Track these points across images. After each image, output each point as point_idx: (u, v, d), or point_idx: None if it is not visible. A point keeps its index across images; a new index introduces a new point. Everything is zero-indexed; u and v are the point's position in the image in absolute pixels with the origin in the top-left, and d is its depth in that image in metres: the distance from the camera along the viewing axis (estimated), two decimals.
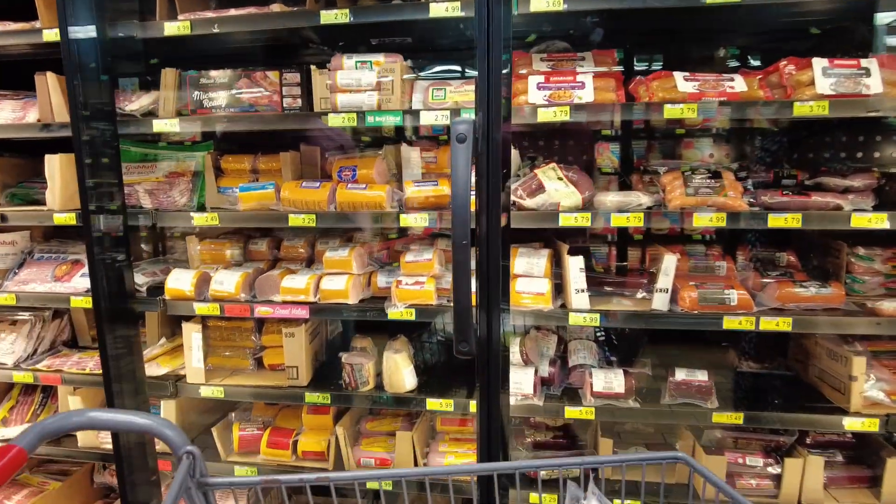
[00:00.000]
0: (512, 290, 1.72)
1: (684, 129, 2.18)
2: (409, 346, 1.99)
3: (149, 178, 2.16)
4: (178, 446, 0.77)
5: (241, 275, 1.94)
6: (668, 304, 1.67)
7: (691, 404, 1.71)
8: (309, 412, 2.05)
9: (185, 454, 0.77)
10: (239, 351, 2.12)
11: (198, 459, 0.78)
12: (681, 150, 2.14)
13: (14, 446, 0.65)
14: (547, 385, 1.86)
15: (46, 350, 2.27)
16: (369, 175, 1.83)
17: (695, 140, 2.16)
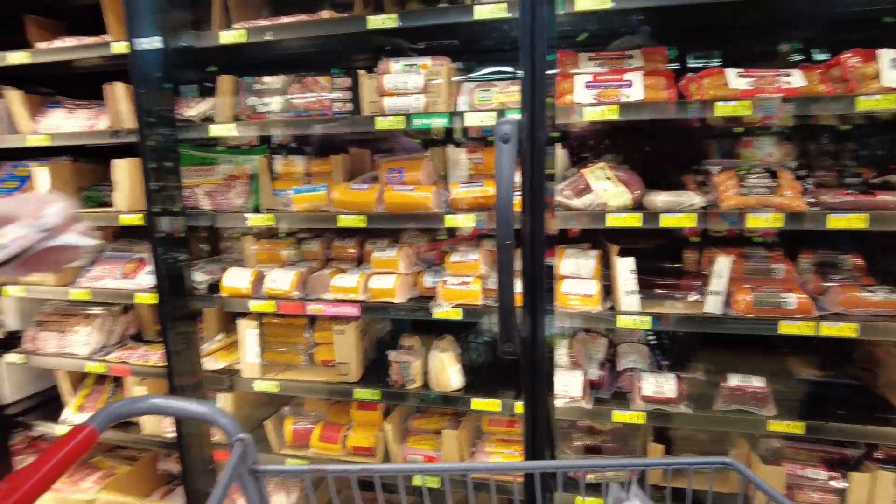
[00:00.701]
0: (558, 292, 1.71)
1: (743, 128, 2.10)
2: (455, 345, 2.00)
3: (207, 180, 2.26)
4: (232, 433, 0.82)
5: (295, 273, 2.01)
6: (721, 308, 1.61)
7: (746, 411, 1.65)
8: (358, 408, 2.10)
9: (237, 441, 0.81)
10: (292, 347, 2.20)
11: (249, 447, 0.82)
12: (739, 149, 2.05)
13: (87, 426, 0.70)
14: (596, 388, 1.84)
15: (116, 343, 2.41)
16: (416, 177, 1.86)
17: (754, 139, 2.07)
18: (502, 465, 1.24)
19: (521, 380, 1.55)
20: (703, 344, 1.97)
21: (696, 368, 1.78)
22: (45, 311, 2.48)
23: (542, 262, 1.46)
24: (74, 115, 2.25)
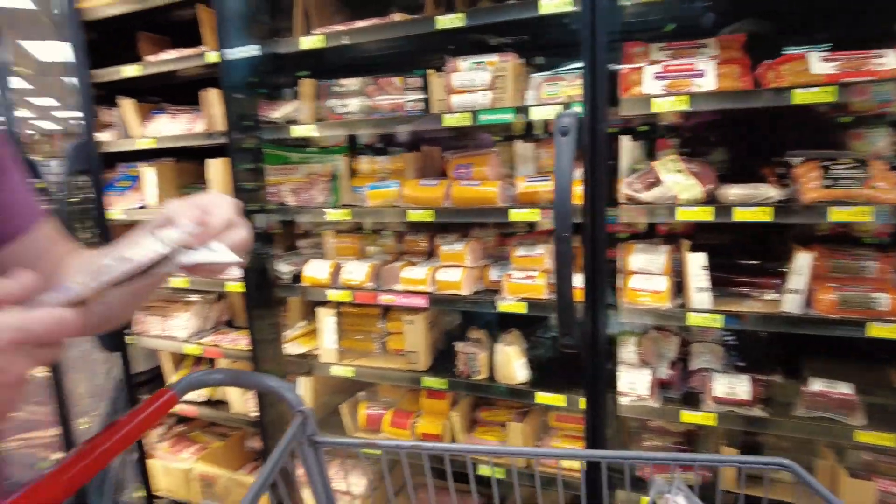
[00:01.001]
0: (627, 288, 1.68)
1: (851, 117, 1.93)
2: (522, 339, 2.02)
3: (291, 178, 2.42)
4: (294, 405, 0.89)
5: (369, 266, 2.11)
6: (801, 307, 1.52)
7: (830, 419, 1.54)
8: (427, 397, 2.17)
9: (298, 412, 0.89)
10: (367, 335, 2.30)
11: (309, 418, 0.89)
12: (848, 140, 1.88)
13: (169, 391, 0.80)
14: (665, 388, 1.79)
15: (211, 328, 2.64)
16: (483, 172, 1.89)
17: (865, 130, 1.89)
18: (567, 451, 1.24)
19: (583, 375, 1.54)
20: (785, 346, 1.85)
21: (776, 371, 1.69)
22: (151, 299, 2.75)
23: (603, 256, 1.45)
24: (176, 119, 2.48)
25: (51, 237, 0.84)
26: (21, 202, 0.80)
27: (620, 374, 1.70)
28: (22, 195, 0.80)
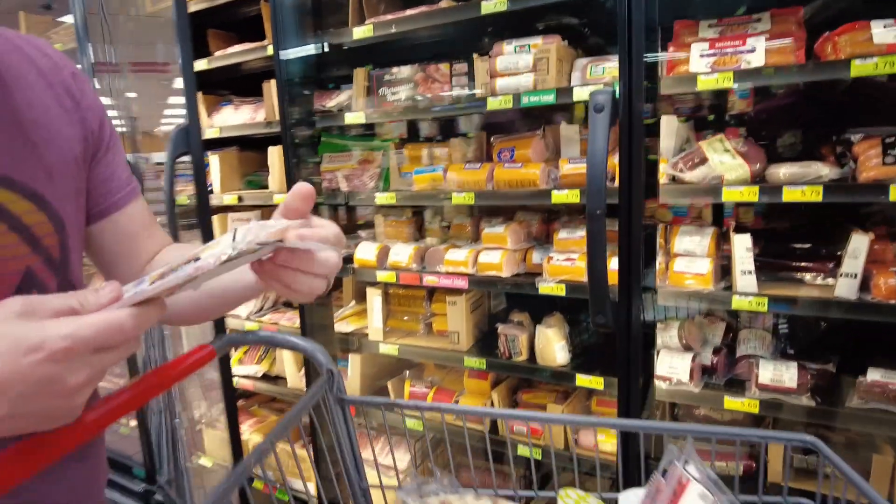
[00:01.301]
0: (671, 270, 1.65)
1: None
2: (564, 323, 2.02)
3: (345, 165, 2.51)
4: (323, 365, 0.96)
5: (414, 248, 2.17)
6: (856, 292, 1.45)
7: (886, 411, 1.46)
8: (469, 377, 2.21)
9: (326, 370, 0.95)
10: (413, 316, 2.37)
11: (336, 377, 0.96)
12: None
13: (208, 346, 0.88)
14: (709, 374, 1.74)
15: (270, 307, 2.79)
16: (526, 154, 1.90)
17: None
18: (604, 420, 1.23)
19: (617, 357, 1.53)
20: (842, 335, 1.76)
21: (829, 361, 1.61)
22: None
23: (639, 236, 1.43)
24: (240, 110, 2.63)
25: (142, 218, 0.85)
26: (118, 179, 0.80)
27: (660, 357, 1.68)
28: (119, 172, 0.81)
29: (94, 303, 0.49)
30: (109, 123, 0.80)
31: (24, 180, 0.63)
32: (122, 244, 0.83)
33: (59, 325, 0.45)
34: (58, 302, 0.48)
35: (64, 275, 0.69)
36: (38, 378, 0.44)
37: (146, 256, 0.86)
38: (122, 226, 0.81)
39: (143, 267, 0.85)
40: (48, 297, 0.48)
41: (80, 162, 0.73)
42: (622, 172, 1.42)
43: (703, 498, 0.74)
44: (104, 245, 0.82)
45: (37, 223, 0.64)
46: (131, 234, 0.83)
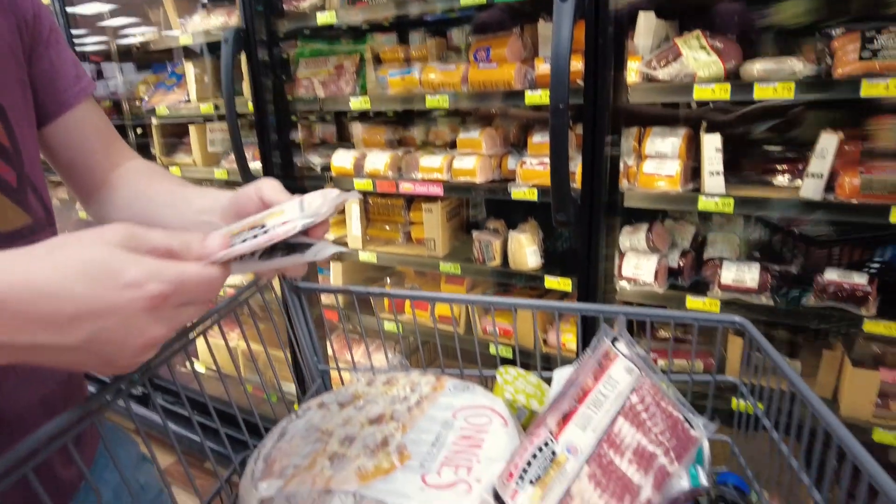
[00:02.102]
0: (641, 172, 1.65)
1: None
2: (537, 228, 2.04)
3: (322, 70, 2.44)
4: None
5: (390, 155, 2.15)
6: (821, 193, 1.45)
7: (839, 309, 1.51)
8: (446, 282, 2.27)
9: None
10: (393, 225, 2.39)
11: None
12: None
13: None
14: (675, 276, 1.79)
15: None
16: (502, 54, 1.84)
17: None
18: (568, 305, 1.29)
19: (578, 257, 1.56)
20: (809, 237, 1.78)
21: (792, 262, 1.64)
22: None
23: (604, 134, 1.41)
24: (212, 14, 2.52)
25: (94, 122, 0.81)
26: (64, 77, 0.76)
27: (626, 259, 1.71)
28: (65, 70, 0.76)
29: (197, 252, 0.48)
30: (48, 17, 0.75)
31: None
32: (74, 149, 0.79)
33: (161, 266, 0.43)
34: (158, 240, 0.46)
35: (20, 168, 0.67)
36: (128, 315, 0.42)
37: (106, 166, 0.82)
38: (72, 128, 0.78)
39: (104, 179, 0.82)
40: (149, 232, 0.46)
41: (17, 54, 0.69)
42: (587, 67, 1.38)
43: (628, 371, 0.78)
44: (57, 150, 0.78)
45: None
46: (84, 138, 0.79)
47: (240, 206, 0.68)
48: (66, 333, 0.40)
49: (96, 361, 0.44)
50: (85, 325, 0.41)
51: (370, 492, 0.64)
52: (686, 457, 0.77)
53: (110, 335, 0.42)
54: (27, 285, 0.39)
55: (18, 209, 0.65)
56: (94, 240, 0.43)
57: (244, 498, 0.68)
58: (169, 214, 0.77)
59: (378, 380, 0.91)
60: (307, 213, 0.54)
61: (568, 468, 0.65)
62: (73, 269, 0.40)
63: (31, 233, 0.67)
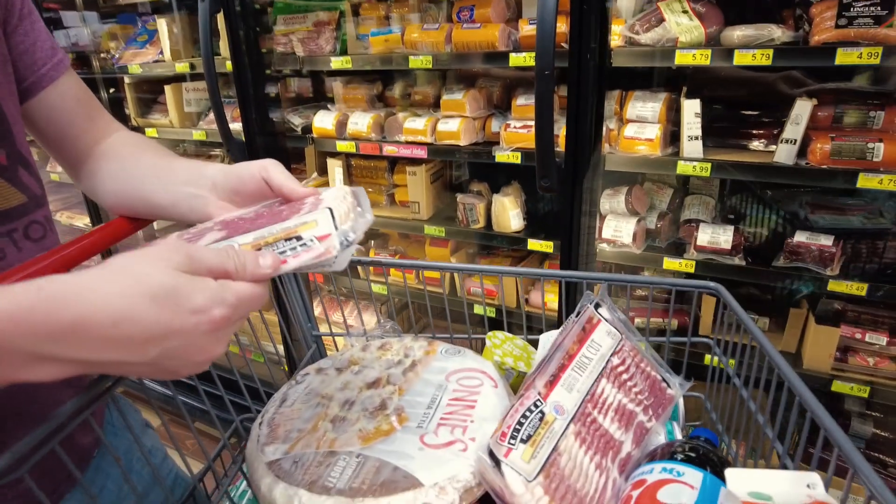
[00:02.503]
0: (622, 136, 1.68)
1: None
2: (520, 191, 2.07)
3: (301, 27, 2.38)
4: None
5: (373, 116, 2.13)
6: (793, 158, 1.50)
7: (805, 269, 1.59)
8: (430, 245, 2.30)
9: None
10: (376, 187, 2.40)
11: None
12: None
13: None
14: (653, 237, 1.85)
15: None
16: (486, 14, 1.82)
17: None
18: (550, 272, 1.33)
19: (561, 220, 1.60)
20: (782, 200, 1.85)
21: (767, 225, 1.71)
22: (179, 152, 2.88)
23: (588, 98, 1.43)
24: None
25: (75, 94, 0.79)
26: (41, 50, 0.74)
27: (606, 221, 1.76)
28: (41, 43, 0.74)
29: (252, 273, 0.50)
30: None
31: None
32: (57, 124, 0.78)
33: (223, 291, 0.46)
34: (215, 261, 0.48)
35: (10, 146, 0.66)
36: (194, 340, 0.45)
37: (90, 140, 0.81)
38: (54, 103, 0.77)
39: (89, 152, 0.81)
40: (205, 252, 0.48)
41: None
42: (572, 31, 1.38)
43: (610, 335, 0.83)
44: (40, 125, 0.77)
45: None
46: (66, 113, 0.78)
47: (239, 183, 0.68)
48: (137, 353, 0.44)
49: (159, 373, 0.47)
50: (154, 346, 0.44)
51: (373, 452, 0.68)
52: (663, 414, 0.83)
53: (176, 353, 0.45)
54: (104, 311, 0.41)
55: (12, 188, 0.65)
56: (158, 264, 0.45)
57: (251, 463, 0.72)
58: (154, 187, 0.76)
59: (373, 345, 0.95)
60: (344, 233, 0.56)
61: (556, 427, 0.70)
62: (144, 295, 0.43)
63: (26, 211, 0.67)
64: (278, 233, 0.57)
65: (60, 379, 0.43)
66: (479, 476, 0.65)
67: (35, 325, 0.40)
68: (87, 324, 0.41)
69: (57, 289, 0.41)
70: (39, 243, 0.69)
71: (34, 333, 0.40)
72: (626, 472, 0.73)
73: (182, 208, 0.73)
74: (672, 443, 0.77)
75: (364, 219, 0.61)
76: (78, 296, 0.41)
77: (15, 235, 0.65)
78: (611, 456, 0.73)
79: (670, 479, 0.66)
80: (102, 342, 0.42)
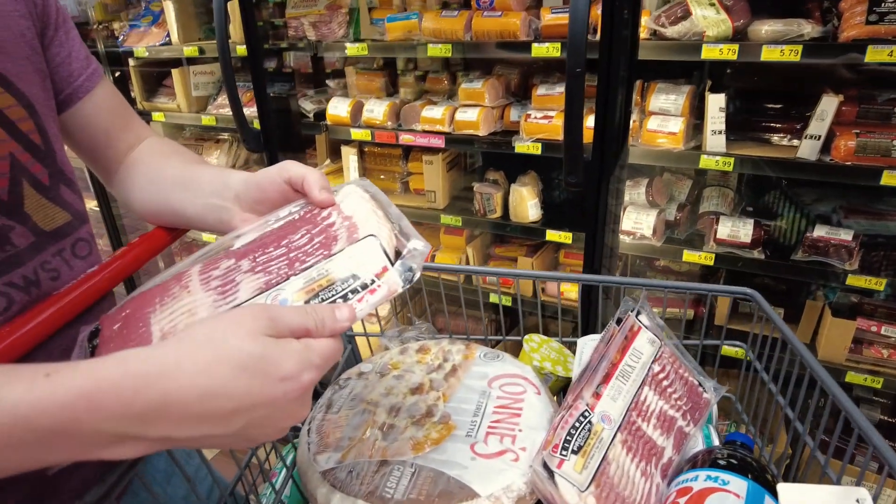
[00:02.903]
0: (644, 129, 1.67)
1: None
2: (537, 181, 2.07)
3: (312, 10, 2.34)
4: None
5: (388, 104, 2.12)
6: (816, 154, 1.50)
7: (825, 263, 1.60)
8: (445, 233, 2.30)
9: None
10: (389, 175, 2.39)
11: None
12: None
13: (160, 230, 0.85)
14: (671, 229, 1.85)
15: (242, 165, 2.75)
16: (507, 2, 1.80)
17: None
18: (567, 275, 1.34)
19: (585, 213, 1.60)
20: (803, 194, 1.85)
21: (785, 218, 1.72)
22: (185, 137, 2.85)
23: (616, 93, 1.42)
24: None
25: (111, 103, 0.79)
26: (77, 60, 0.73)
27: (627, 213, 1.76)
28: (76, 53, 0.73)
29: (331, 328, 0.48)
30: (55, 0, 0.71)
31: None
32: (92, 133, 0.77)
33: (310, 354, 0.45)
34: (296, 320, 0.46)
35: (53, 165, 0.65)
36: (283, 406, 0.44)
37: (123, 147, 0.81)
38: (90, 113, 0.76)
39: (123, 158, 0.81)
40: (286, 312, 0.46)
41: (32, 41, 0.66)
42: (604, 26, 1.36)
43: (651, 343, 0.85)
44: (75, 135, 0.77)
45: (7, 107, 0.59)
46: (101, 122, 0.77)
47: (261, 193, 0.68)
48: (223, 426, 0.43)
49: (241, 442, 0.46)
50: (242, 418, 0.43)
51: (426, 462, 0.70)
52: (701, 419, 0.85)
53: (263, 421, 0.44)
54: (192, 389, 0.41)
55: (56, 207, 0.65)
56: (241, 331, 0.43)
57: (304, 471, 0.74)
58: (182, 198, 0.76)
59: (410, 348, 0.96)
60: (405, 266, 0.55)
61: (604, 436, 0.71)
62: (231, 366, 0.42)
63: (71, 229, 0.67)
64: (328, 273, 0.54)
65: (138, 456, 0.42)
66: (533, 486, 0.67)
67: (120, 406, 0.39)
68: (174, 402, 0.40)
69: (139, 367, 0.40)
70: (87, 260, 0.69)
71: (119, 414, 0.39)
72: (667, 478, 0.75)
73: (210, 220, 0.73)
74: (712, 449, 0.79)
75: (418, 250, 0.58)
76: (163, 374, 0.40)
77: (65, 255, 0.65)
78: (654, 462, 0.74)
79: (716, 488, 0.68)
80: (189, 419, 0.41)
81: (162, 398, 0.40)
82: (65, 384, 0.38)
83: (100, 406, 0.38)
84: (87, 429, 0.39)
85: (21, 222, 0.59)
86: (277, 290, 0.53)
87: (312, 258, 0.57)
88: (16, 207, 0.58)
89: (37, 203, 0.62)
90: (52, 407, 0.37)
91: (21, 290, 0.59)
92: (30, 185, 0.61)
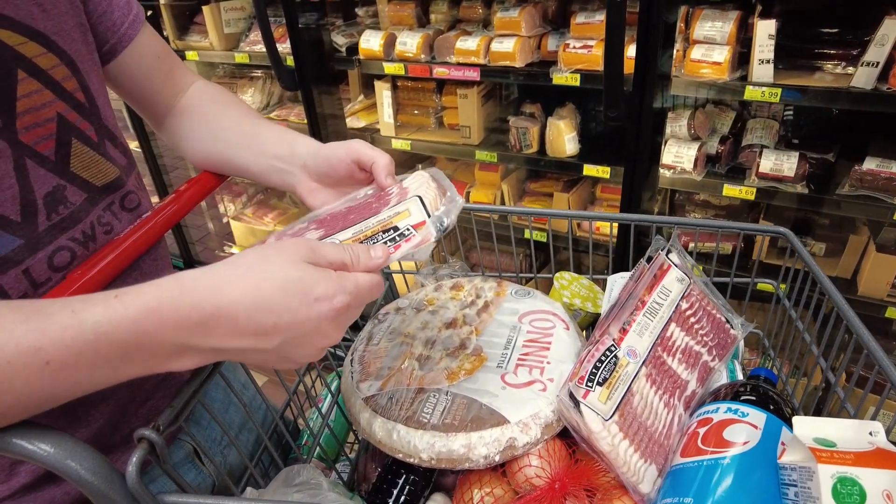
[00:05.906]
0: (688, 58, 1.60)
1: None
2: (576, 114, 2.02)
3: None
4: None
5: (422, 36, 2.07)
6: (873, 82, 1.42)
7: (871, 197, 1.55)
8: (480, 169, 2.30)
9: None
10: (423, 110, 2.37)
11: None
12: None
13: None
14: (713, 163, 1.81)
15: (276, 103, 2.77)
16: None
17: None
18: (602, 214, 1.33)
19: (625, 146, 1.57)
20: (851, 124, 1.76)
21: (831, 151, 1.64)
22: (219, 75, 2.87)
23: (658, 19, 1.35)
24: None
25: (154, 50, 0.78)
26: (118, 8, 0.72)
27: (667, 146, 1.72)
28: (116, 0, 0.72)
29: (365, 263, 0.53)
30: None
31: (21, 18, 0.56)
32: (138, 81, 0.79)
33: (343, 280, 0.50)
34: (333, 255, 0.52)
35: (98, 122, 0.67)
36: (317, 326, 0.49)
37: (170, 94, 0.82)
38: (134, 61, 0.76)
39: (170, 105, 0.83)
40: (324, 246, 0.52)
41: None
42: None
43: (680, 281, 0.86)
44: (121, 84, 0.78)
45: (51, 67, 0.60)
46: (146, 69, 0.78)
47: (330, 168, 0.74)
48: (265, 340, 0.48)
49: (281, 361, 0.52)
50: (281, 334, 0.48)
51: (459, 390, 0.76)
52: (727, 355, 0.88)
53: (300, 340, 0.50)
54: (241, 302, 0.46)
55: (106, 161, 0.67)
56: (284, 258, 0.49)
57: (348, 397, 0.81)
58: (245, 154, 0.79)
59: (444, 285, 1.00)
60: (438, 219, 0.61)
61: (629, 370, 0.75)
62: (274, 285, 0.47)
63: (120, 183, 0.69)
64: (375, 225, 0.61)
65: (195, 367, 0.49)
66: (559, 414, 0.72)
67: (180, 317, 0.45)
68: (224, 315, 0.46)
69: (195, 284, 0.46)
70: (135, 212, 0.72)
71: (180, 326, 0.45)
72: (690, 409, 0.79)
73: (273, 179, 0.79)
74: (735, 383, 0.82)
75: (455, 203, 0.64)
76: (217, 289, 0.46)
77: (114, 208, 0.68)
78: (678, 394, 0.78)
79: (735, 420, 0.71)
80: (237, 331, 0.47)
81: (215, 310, 0.46)
82: (134, 303, 0.44)
83: (163, 319, 0.45)
84: (156, 340, 0.45)
85: (70, 181, 0.62)
86: (331, 239, 0.61)
87: (362, 216, 0.64)
88: (64, 167, 0.61)
89: (88, 160, 0.64)
90: (125, 321, 0.44)
91: (81, 244, 0.63)
92: (80, 143, 0.63)
